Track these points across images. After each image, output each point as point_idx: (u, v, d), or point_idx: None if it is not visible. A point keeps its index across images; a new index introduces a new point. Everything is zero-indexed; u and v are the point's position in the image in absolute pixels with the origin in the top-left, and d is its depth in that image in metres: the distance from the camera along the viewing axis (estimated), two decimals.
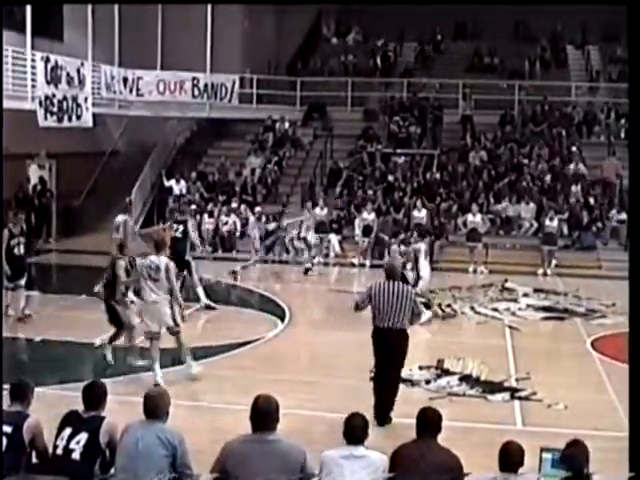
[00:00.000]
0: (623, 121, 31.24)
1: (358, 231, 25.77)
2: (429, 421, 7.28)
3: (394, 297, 10.94)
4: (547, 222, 25.30)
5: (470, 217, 25.55)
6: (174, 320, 12.78)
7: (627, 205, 25.23)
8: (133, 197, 27.88)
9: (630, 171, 8.28)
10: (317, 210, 25.89)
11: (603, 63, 36.20)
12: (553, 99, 32.34)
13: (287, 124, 31.63)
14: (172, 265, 12.88)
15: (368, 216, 25.83)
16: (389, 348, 11.02)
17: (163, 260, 12.80)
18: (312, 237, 25.15)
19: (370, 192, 27.55)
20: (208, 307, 18.32)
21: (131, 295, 14.07)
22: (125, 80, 29.35)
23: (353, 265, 25.26)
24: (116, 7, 28.74)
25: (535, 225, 26.51)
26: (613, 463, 7.72)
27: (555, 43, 37.02)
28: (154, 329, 12.76)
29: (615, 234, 26.11)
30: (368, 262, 25.24)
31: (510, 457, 6.79)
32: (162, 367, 12.69)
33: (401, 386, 11.73)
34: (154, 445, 7.12)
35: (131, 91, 29.78)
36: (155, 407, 7.33)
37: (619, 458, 7.33)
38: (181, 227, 18.45)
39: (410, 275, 17.98)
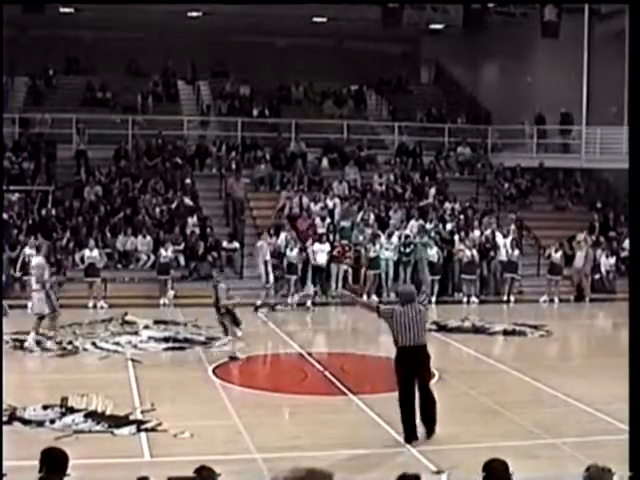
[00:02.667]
0: (233, 153, 32.39)
1: None
2: (54, 460, 7.13)
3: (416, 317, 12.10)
4: (163, 253, 25.66)
5: (87, 252, 25.21)
6: None
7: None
8: None
9: (630, 171, 8.56)
10: None
11: (213, 97, 37.37)
12: (167, 133, 32.86)
13: None
14: None
15: None
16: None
17: None
18: None
19: None
20: None
21: None
22: None
23: None
24: None
25: (152, 257, 26.68)
26: None
27: (167, 78, 37.70)
28: None
29: (230, 262, 26.89)
30: None
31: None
32: None
33: (26, 427, 11.44)
34: None
35: None
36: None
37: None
38: None
39: None
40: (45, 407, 13.19)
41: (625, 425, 12.61)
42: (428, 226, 28.08)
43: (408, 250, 26.71)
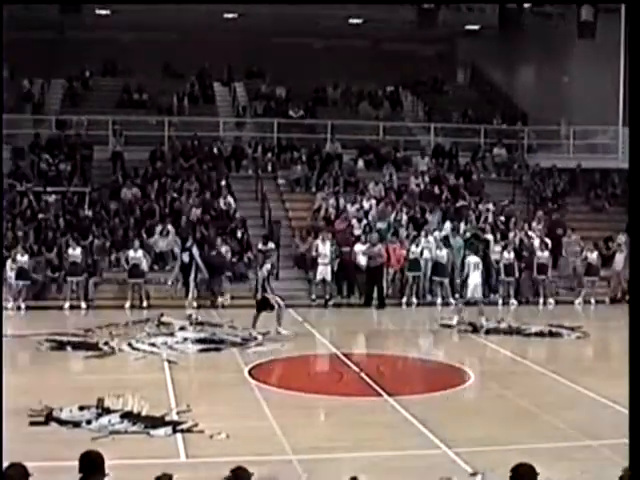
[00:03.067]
0: (270, 154, 32.45)
1: (11, 274, 24.68)
2: (92, 463, 7.21)
3: None
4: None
5: (132, 253, 25.27)
6: None
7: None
8: None
9: (630, 170, 8.58)
10: None
11: (249, 99, 37.42)
12: (202, 134, 32.95)
13: None
14: None
15: (21, 258, 24.88)
16: None
17: None
18: None
19: (20, 232, 26.61)
20: None
21: None
22: None
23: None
24: None
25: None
26: None
27: (202, 79, 37.81)
28: None
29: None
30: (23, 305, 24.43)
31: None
32: None
33: (63, 428, 11.58)
34: None
35: None
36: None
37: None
38: None
39: None
40: (81, 408, 13.27)
41: None
42: (464, 227, 27.98)
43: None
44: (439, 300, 25.91)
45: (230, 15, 36.45)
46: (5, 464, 6.99)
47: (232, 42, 36.26)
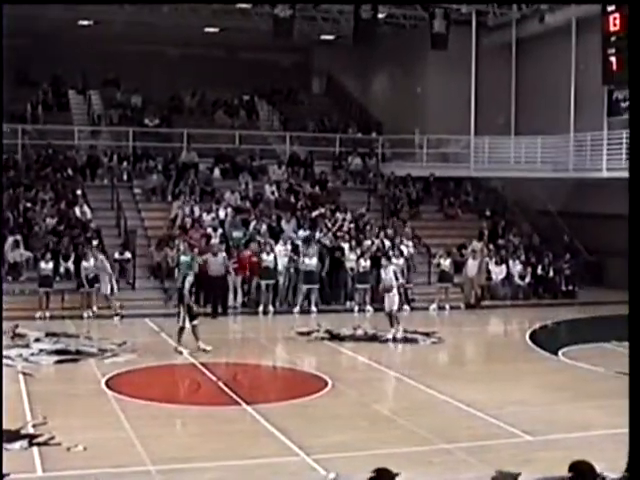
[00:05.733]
0: (125, 164, 32.17)
1: None
2: None
3: None
4: (42, 265, 25.18)
5: None
6: None
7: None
8: None
9: (630, 170, 8.60)
10: None
11: (104, 107, 37.01)
12: (57, 142, 32.44)
13: None
14: None
15: None
16: None
17: None
18: None
19: None
20: None
21: None
22: None
23: None
24: None
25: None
26: None
27: (57, 87, 37.22)
28: None
29: (122, 273, 26.63)
30: None
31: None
32: None
33: None
34: None
35: None
36: None
37: None
38: None
39: None
40: None
41: (516, 429, 13.01)
42: (319, 235, 28.28)
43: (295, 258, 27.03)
44: (314, 308, 26.21)
45: (85, 22, 36.01)
46: None
47: (87, 49, 35.82)
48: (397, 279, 22.13)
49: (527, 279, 29.32)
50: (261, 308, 26.06)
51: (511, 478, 10.04)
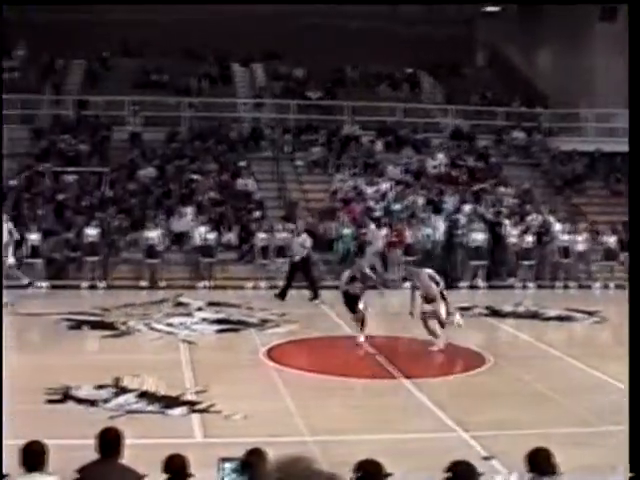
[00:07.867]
0: (287, 136, 32.40)
1: (25, 252, 24.65)
2: (110, 441, 7.19)
3: None
4: (200, 235, 25.73)
5: (147, 233, 25.35)
6: None
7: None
8: None
9: (630, 170, 8.58)
10: None
11: (267, 80, 37.34)
12: (221, 115, 32.92)
13: None
14: None
15: (32, 236, 24.77)
16: None
17: None
18: None
19: (40, 211, 26.67)
20: None
21: None
22: None
23: None
24: None
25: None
26: None
27: (221, 61, 37.75)
28: None
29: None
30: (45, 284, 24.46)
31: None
32: None
33: (80, 407, 11.90)
34: None
35: None
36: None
37: None
38: None
39: None
40: (98, 387, 13.32)
41: None
42: (480, 210, 27.86)
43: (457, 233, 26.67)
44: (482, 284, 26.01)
45: None
46: (23, 441, 7.00)
47: (251, 23, 36.14)
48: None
49: None
50: None
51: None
